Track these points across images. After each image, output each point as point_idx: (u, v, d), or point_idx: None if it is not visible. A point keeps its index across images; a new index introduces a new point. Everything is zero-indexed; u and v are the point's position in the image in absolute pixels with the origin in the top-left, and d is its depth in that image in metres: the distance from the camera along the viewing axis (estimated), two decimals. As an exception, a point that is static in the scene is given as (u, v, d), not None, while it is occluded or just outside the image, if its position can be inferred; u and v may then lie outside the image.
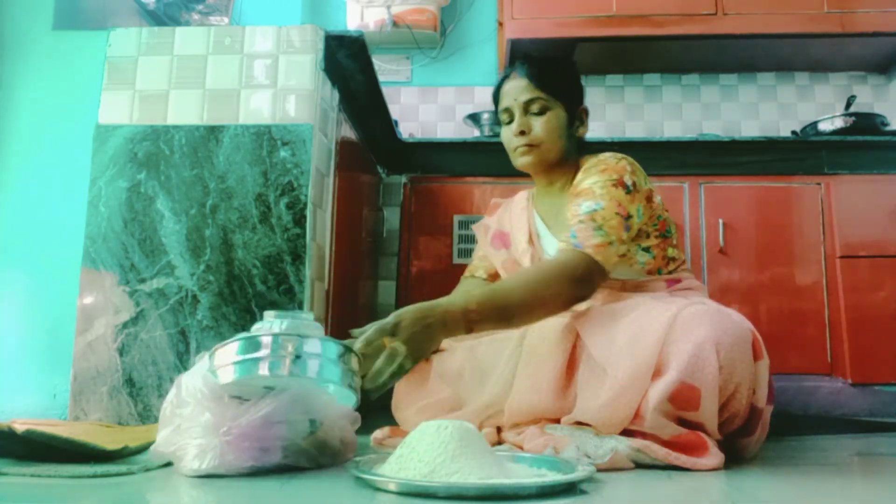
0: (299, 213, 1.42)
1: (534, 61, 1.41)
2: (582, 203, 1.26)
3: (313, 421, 0.96)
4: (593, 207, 1.24)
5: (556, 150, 1.39)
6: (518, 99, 1.38)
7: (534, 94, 1.37)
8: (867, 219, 2.17)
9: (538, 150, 1.38)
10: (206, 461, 0.88)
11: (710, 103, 2.89)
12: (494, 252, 1.51)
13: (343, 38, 1.51)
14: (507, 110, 1.42)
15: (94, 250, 1.43)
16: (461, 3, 2.97)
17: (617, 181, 1.27)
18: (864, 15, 2.50)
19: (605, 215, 1.23)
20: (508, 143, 1.43)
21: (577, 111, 1.43)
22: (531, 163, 1.39)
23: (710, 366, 1.01)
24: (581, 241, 1.21)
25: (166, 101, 1.49)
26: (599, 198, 1.25)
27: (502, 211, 1.57)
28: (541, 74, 1.38)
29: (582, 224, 1.23)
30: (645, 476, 0.96)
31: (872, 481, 1.05)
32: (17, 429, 0.96)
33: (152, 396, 1.37)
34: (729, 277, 2.18)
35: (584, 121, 1.45)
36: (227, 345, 0.94)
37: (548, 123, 1.37)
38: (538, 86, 1.37)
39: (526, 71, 1.39)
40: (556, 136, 1.38)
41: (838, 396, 2.07)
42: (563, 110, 1.39)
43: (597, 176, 1.29)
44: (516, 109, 1.39)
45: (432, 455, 0.84)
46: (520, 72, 1.40)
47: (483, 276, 1.56)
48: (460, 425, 0.88)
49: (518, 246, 1.45)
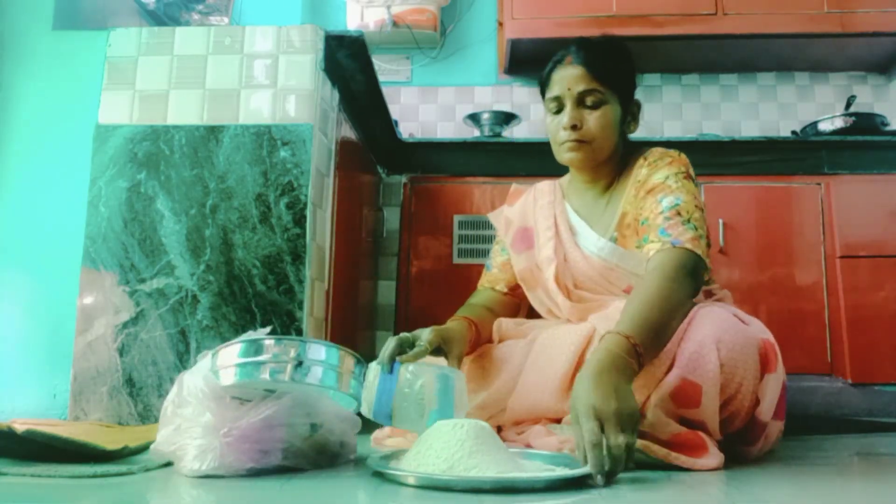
0: (299, 213, 1.42)
1: (592, 47, 1.29)
2: (661, 199, 1.19)
3: (314, 424, 0.96)
4: (675, 202, 1.17)
5: (608, 147, 1.29)
6: (573, 89, 1.26)
7: (590, 85, 1.25)
8: (867, 219, 2.17)
9: (589, 146, 1.27)
10: (206, 462, 0.88)
11: (710, 103, 2.89)
12: (516, 256, 1.39)
13: (343, 38, 1.51)
14: (557, 99, 1.29)
15: (94, 250, 1.43)
16: (461, 3, 2.97)
17: (686, 174, 1.22)
18: (864, 15, 2.50)
19: (688, 208, 1.17)
20: (555, 136, 1.30)
21: (631, 105, 1.33)
22: (580, 159, 1.28)
23: (711, 363, 1.01)
24: (678, 238, 1.13)
25: (166, 101, 1.49)
26: (678, 191, 1.19)
27: (524, 201, 1.44)
28: (599, 63, 1.26)
29: (669, 220, 1.15)
30: (645, 476, 0.96)
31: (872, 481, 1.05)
32: (17, 429, 0.96)
33: (152, 396, 1.37)
34: (729, 277, 2.17)
35: (637, 116, 1.35)
36: (231, 346, 0.94)
37: (603, 119, 1.26)
38: (595, 76, 1.26)
39: (583, 58, 1.27)
40: (608, 133, 1.27)
41: (838, 396, 2.07)
42: (618, 104, 1.29)
43: (666, 169, 1.22)
44: (568, 100, 1.27)
45: (450, 452, 0.86)
46: (576, 58, 1.28)
47: (504, 289, 1.44)
48: (475, 424, 0.90)
49: (542, 249, 1.34)
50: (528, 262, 1.37)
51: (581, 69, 1.26)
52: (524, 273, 1.38)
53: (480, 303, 1.43)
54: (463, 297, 1.51)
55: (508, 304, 1.44)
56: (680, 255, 1.12)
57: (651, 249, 1.16)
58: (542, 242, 1.35)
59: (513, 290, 1.44)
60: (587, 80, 1.26)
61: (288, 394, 0.93)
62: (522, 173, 2.23)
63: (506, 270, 1.44)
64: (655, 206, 1.19)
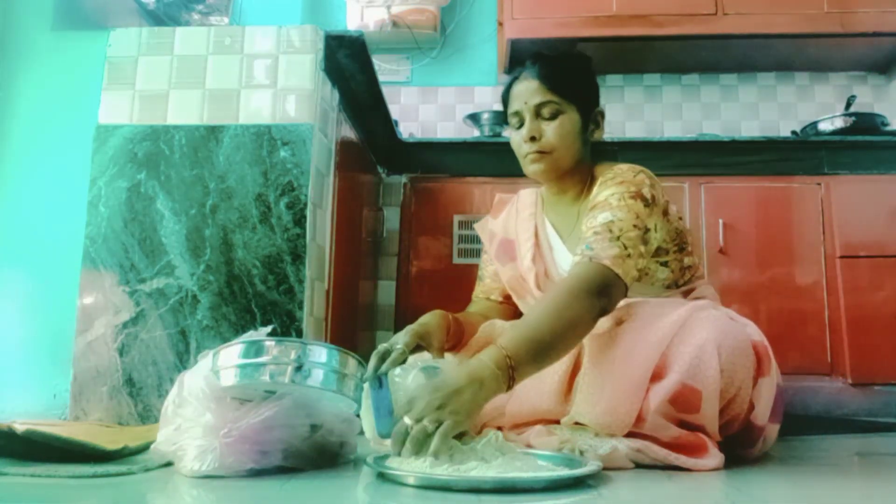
0: (299, 213, 1.42)
1: (545, 61, 1.31)
2: (598, 215, 1.18)
3: (314, 425, 0.97)
4: (609, 218, 1.16)
5: (570, 156, 1.30)
6: (529, 102, 1.28)
7: (545, 97, 1.27)
8: (867, 219, 2.17)
9: (550, 157, 1.28)
10: (206, 463, 0.88)
11: (710, 103, 2.89)
12: (501, 267, 1.42)
13: (343, 38, 1.51)
14: (517, 114, 1.31)
15: (94, 250, 1.43)
16: (461, 3, 2.97)
17: (635, 193, 1.19)
18: (864, 15, 2.50)
19: (623, 226, 1.15)
20: (518, 149, 1.33)
21: (593, 113, 1.33)
22: (542, 170, 1.30)
23: (712, 368, 1.01)
24: (597, 253, 1.12)
25: (166, 101, 1.49)
26: (616, 209, 1.17)
27: (507, 213, 1.47)
28: (553, 75, 1.28)
29: (598, 235, 1.14)
30: (645, 476, 0.96)
31: (872, 481, 1.05)
32: (17, 429, 0.96)
33: (152, 396, 1.37)
34: (729, 277, 2.17)
35: (600, 124, 1.35)
36: (231, 346, 0.94)
37: (560, 129, 1.27)
38: (550, 88, 1.27)
39: (537, 72, 1.29)
40: (569, 142, 1.28)
41: (838, 396, 2.07)
42: (576, 113, 1.29)
43: (614, 188, 1.21)
44: (527, 113, 1.29)
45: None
46: (531, 72, 1.30)
47: (499, 298, 1.46)
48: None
49: (523, 261, 1.36)
50: (513, 271, 1.39)
51: (536, 82, 1.29)
52: (511, 282, 1.40)
53: (476, 311, 1.45)
54: (463, 297, 1.51)
55: (505, 311, 1.46)
56: (593, 270, 1.11)
57: (574, 262, 1.15)
58: (523, 254, 1.37)
59: (508, 299, 1.46)
60: (542, 93, 1.28)
61: (288, 395, 0.93)
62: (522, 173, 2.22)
63: (497, 280, 1.46)
64: (591, 222, 1.18)
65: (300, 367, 0.92)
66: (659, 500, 0.85)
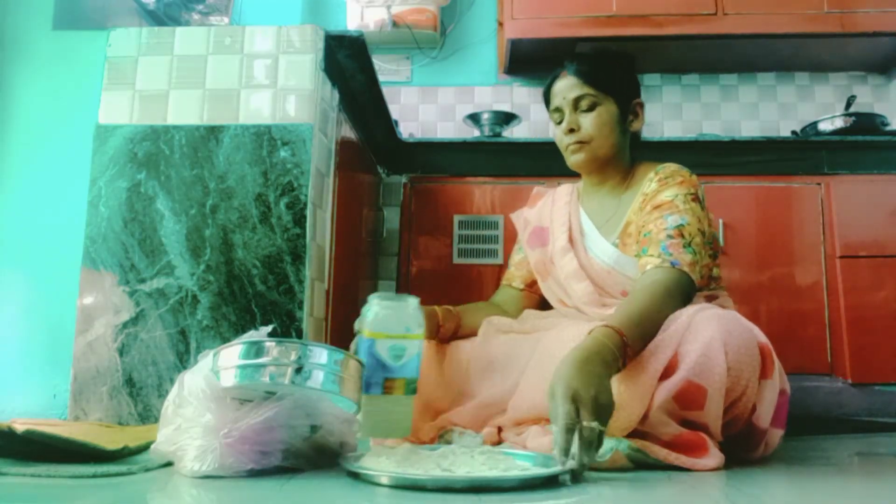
0: (299, 213, 1.42)
1: (583, 59, 1.39)
2: (667, 217, 1.25)
3: (314, 426, 0.97)
4: (680, 223, 1.24)
5: (608, 146, 1.36)
6: (567, 97, 1.37)
7: (582, 90, 1.35)
8: (867, 219, 2.17)
9: (589, 146, 1.36)
10: (206, 463, 0.88)
11: (710, 103, 2.89)
12: (530, 251, 1.49)
13: (343, 38, 1.51)
14: (557, 110, 1.40)
15: (94, 250, 1.43)
16: (461, 3, 2.97)
17: (694, 196, 1.29)
18: (864, 15, 2.50)
19: (691, 231, 1.23)
20: (560, 143, 1.41)
21: (631, 105, 1.41)
22: (583, 160, 1.37)
23: (719, 366, 1.01)
24: (677, 259, 1.19)
25: (166, 101, 1.49)
26: (684, 212, 1.25)
27: (543, 203, 1.53)
28: (589, 71, 1.36)
29: (672, 239, 1.22)
30: (645, 476, 0.96)
31: (872, 481, 1.05)
32: (17, 429, 0.96)
33: (152, 396, 1.37)
34: (729, 277, 2.17)
35: (640, 114, 1.42)
36: (231, 346, 0.94)
37: (598, 119, 1.35)
38: (586, 82, 1.35)
39: (575, 69, 1.37)
40: (606, 132, 1.36)
41: (838, 396, 2.07)
42: (613, 105, 1.37)
43: (676, 188, 1.29)
44: (566, 108, 1.37)
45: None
46: (569, 70, 1.38)
47: (520, 286, 1.53)
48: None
49: (556, 244, 1.42)
50: (542, 255, 1.45)
51: (574, 79, 1.37)
52: (538, 265, 1.46)
53: (492, 300, 1.53)
54: (463, 297, 1.52)
55: (526, 299, 1.52)
56: (677, 275, 1.18)
57: (649, 263, 1.21)
58: (557, 236, 1.43)
59: (529, 287, 1.52)
60: (579, 87, 1.36)
61: (288, 396, 0.93)
62: (522, 173, 2.23)
63: (522, 268, 1.53)
64: (661, 223, 1.25)
65: (300, 369, 0.92)
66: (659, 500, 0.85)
